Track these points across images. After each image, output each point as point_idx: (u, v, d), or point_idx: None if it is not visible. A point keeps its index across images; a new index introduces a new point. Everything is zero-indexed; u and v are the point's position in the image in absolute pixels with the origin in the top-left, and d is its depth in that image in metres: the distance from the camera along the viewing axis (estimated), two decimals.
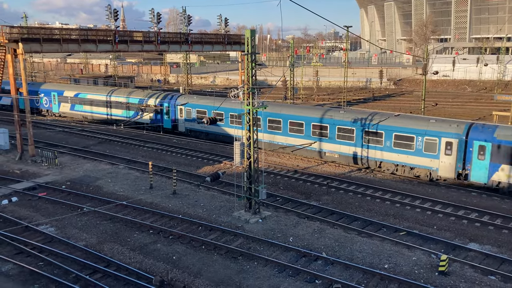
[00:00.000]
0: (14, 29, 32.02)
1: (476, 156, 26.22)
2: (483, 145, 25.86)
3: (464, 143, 26.65)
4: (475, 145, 26.19)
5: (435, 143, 27.62)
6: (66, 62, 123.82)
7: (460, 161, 26.92)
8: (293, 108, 37.39)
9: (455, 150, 26.86)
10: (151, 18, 43.18)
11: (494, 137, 25.72)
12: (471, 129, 26.90)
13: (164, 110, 42.05)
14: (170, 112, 41.68)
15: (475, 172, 26.53)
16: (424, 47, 64.83)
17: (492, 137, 25.78)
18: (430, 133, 27.72)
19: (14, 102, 33.40)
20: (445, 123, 28.18)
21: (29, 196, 25.44)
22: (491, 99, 66.80)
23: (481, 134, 26.25)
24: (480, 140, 26.06)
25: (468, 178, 26.95)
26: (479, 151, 26.09)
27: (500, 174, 25.56)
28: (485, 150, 25.88)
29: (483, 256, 18.76)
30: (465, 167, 26.94)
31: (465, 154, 26.73)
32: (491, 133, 26.01)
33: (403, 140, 28.76)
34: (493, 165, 25.75)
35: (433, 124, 28.17)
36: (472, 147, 26.34)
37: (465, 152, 26.67)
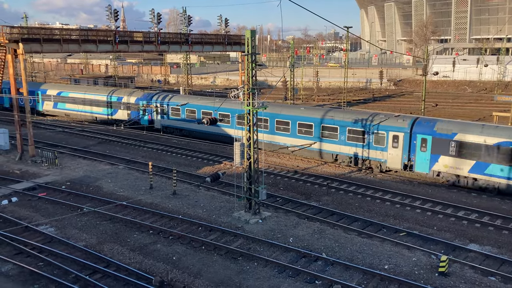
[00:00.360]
0: (14, 29, 32.02)
1: (419, 148, 28.27)
2: (425, 138, 27.96)
3: (409, 137, 28.65)
4: (418, 138, 28.29)
5: (383, 136, 29.64)
6: (66, 62, 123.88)
7: (405, 153, 28.96)
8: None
9: (401, 143, 28.92)
10: (151, 19, 43.18)
11: (434, 131, 27.76)
12: (415, 124, 28.81)
13: (141, 108, 43.38)
14: (147, 110, 42.82)
15: (418, 163, 28.56)
16: (424, 48, 64.87)
17: (432, 131, 27.83)
18: (380, 128, 29.66)
19: (14, 102, 33.41)
20: (392, 118, 30.01)
21: (29, 196, 25.44)
22: (491, 99, 66.83)
23: (423, 128, 28.29)
24: (422, 134, 28.07)
25: (413, 168, 28.98)
26: (421, 143, 28.15)
27: (439, 164, 27.72)
28: (427, 142, 27.93)
29: (483, 257, 18.75)
30: (410, 159, 28.98)
31: (410, 147, 28.80)
32: (432, 127, 28.02)
33: (356, 134, 30.64)
34: (433, 156, 27.84)
35: (382, 119, 30.06)
36: (415, 140, 28.46)
37: (410, 144, 28.72)
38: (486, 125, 27.92)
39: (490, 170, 25.93)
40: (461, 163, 26.92)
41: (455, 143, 26.84)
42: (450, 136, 27.07)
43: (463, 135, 26.67)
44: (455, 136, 26.89)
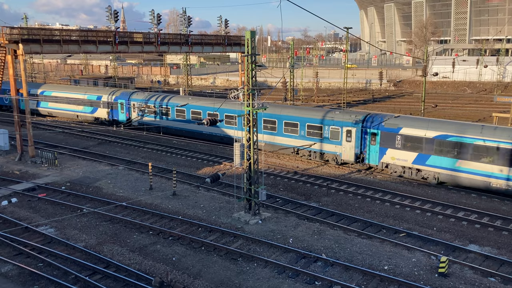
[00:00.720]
0: (14, 30, 32.03)
1: (370, 142, 30.50)
2: (375, 132, 30.14)
3: (361, 131, 30.77)
4: (369, 132, 30.51)
5: (338, 131, 31.66)
6: (66, 63, 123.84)
7: (358, 147, 31.15)
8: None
9: (353, 137, 31.00)
10: (151, 19, 43.21)
11: (383, 126, 29.91)
12: (366, 119, 30.94)
13: (119, 106, 44.91)
14: (125, 108, 44.42)
15: (369, 156, 30.83)
16: (424, 49, 64.93)
17: (381, 126, 29.99)
18: (335, 123, 31.73)
19: (14, 102, 33.41)
20: (346, 114, 32.04)
21: (28, 197, 25.44)
22: (491, 100, 66.82)
23: (373, 123, 30.46)
24: (372, 128, 30.24)
25: (365, 161, 31.19)
26: (371, 137, 30.35)
27: (387, 156, 29.86)
28: (376, 136, 30.07)
29: (483, 258, 18.76)
30: (362, 152, 31.23)
31: (362, 141, 30.95)
32: (381, 122, 30.19)
33: (314, 129, 32.65)
34: (382, 149, 30.00)
35: (337, 115, 32.11)
36: (366, 134, 30.64)
37: (362, 139, 30.86)
38: (427, 119, 30.11)
39: (430, 161, 27.95)
40: (405, 155, 28.95)
41: (400, 136, 28.87)
42: (396, 130, 29.17)
43: (407, 129, 28.69)
44: (400, 130, 28.95)
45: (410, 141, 28.54)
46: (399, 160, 29.13)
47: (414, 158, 28.55)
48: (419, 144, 28.20)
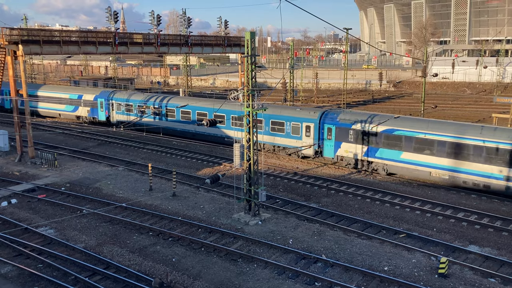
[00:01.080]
0: (14, 31, 32.04)
1: (326, 136, 32.34)
2: (330, 128, 32.07)
3: (318, 127, 32.60)
4: (325, 128, 32.39)
5: (298, 127, 33.56)
6: (66, 64, 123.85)
7: (316, 141, 32.99)
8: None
9: (312, 132, 32.91)
10: (151, 20, 43.24)
11: (337, 121, 31.83)
12: (323, 115, 32.88)
13: (99, 105, 46.51)
14: (104, 106, 46.04)
15: (326, 150, 32.72)
16: (423, 49, 64.96)
17: (336, 121, 31.91)
18: (295, 119, 33.66)
19: (14, 103, 33.40)
20: (305, 111, 34.23)
21: (28, 198, 25.43)
22: (491, 101, 66.85)
23: (329, 119, 32.36)
24: (328, 124, 32.11)
25: (322, 154, 33.07)
26: (327, 132, 32.25)
27: (342, 150, 31.85)
28: (331, 131, 32.01)
29: (483, 259, 18.75)
30: (320, 146, 33.04)
31: (320, 136, 32.77)
32: (336, 118, 32.12)
33: (278, 125, 34.59)
34: (337, 143, 31.91)
35: (298, 112, 34.30)
36: (323, 130, 32.50)
37: (319, 134, 32.66)
38: (376, 115, 31.79)
39: (379, 153, 29.99)
40: (357, 148, 30.97)
41: (352, 131, 30.88)
42: (349, 125, 31.17)
43: (359, 124, 30.73)
44: (353, 125, 30.93)
45: (361, 135, 30.56)
46: (351, 153, 31.15)
47: (365, 151, 30.54)
48: (369, 138, 30.25)
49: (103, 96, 46.15)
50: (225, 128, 37.55)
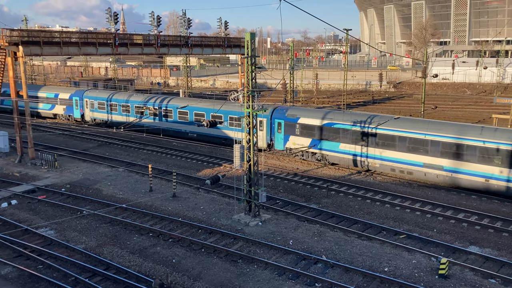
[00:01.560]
0: (14, 32, 32.06)
1: (277, 130, 34.85)
2: (280, 122, 34.57)
3: (270, 121, 35.13)
4: (275, 122, 34.89)
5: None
6: (66, 65, 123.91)
7: (268, 135, 35.60)
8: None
9: (264, 126, 35.42)
10: (151, 21, 43.25)
11: (286, 116, 34.36)
12: (274, 111, 35.38)
13: (74, 103, 48.65)
14: (79, 104, 48.20)
15: (277, 142, 35.19)
16: (423, 50, 64.98)
17: (284, 116, 34.40)
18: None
19: (14, 105, 33.41)
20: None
21: (28, 199, 25.43)
22: (491, 102, 66.84)
23: (279, 115, 34.86)
24: (278, 119, 34.60)
25: (274, 147, 35.56)
26: (278, 126, 34.76)
27: (290, 142, 34.37)
28: (281, 125, 34.46)
29: (483, 259, 18.74)
30: (272, 139, 35.57)
31: (271, 130, 35.31)
32: (284, 113, 34.71)
33: (235, 120, 36.71)
34: (286, 136, 34.44)
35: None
36: (274, 124, 34.98)
37: (271, 128, 35.20)
38: (320, 110, 35.38)
39: (321, 145, 32.69)
40: (303, 140, 33.54)
41: (298, 125, 33.48)
42: (295, 120, 33.76)
43: (303, 119, 33.29)
44: (299, 120, 33.51)
45: (306, 128, 33.09)
46: (298, 145, 33.79)
47: (309, 143, 33.18)
48: (312, 131, 32.74)
49: (78, 95, 48.14)
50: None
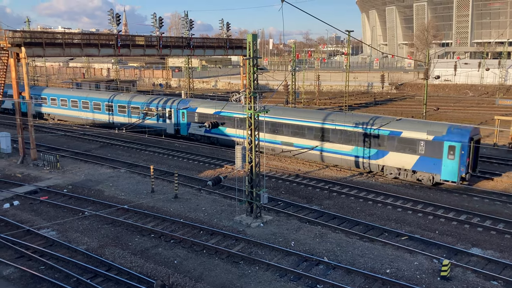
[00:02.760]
0: (16, 34, 32.16)
1: (181, 119, 41.45)
2: (183, 112, 41.15)
3: (177, 111, 41.53)
4: (180, 112, 41.52)
5: (165, 112, 42.42)
6: (68, 66, 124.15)
7: (176, 123, 41.89)
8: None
9: (173, 116, 41.98)
10: (153, 23, 43.35)
11: (189, 107, 40.63)
12: (179, 103, 41.92)
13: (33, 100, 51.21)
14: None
15: (181, 129, 41.68)
16: (425, 52, 64.86)
17: (188, 107, 40.66)
18: (163, 107, 42.81)
19: (16, 106, 33.49)
20: (170, 100, 43.25)
21: (30, 200, 25.47)
22: (493, 103, 66.75)
23: (183, 105, 41.24)
24: (182, 109, 41.06)
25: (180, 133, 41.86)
26: (182, 116, 41.39)
27: (191, 128, 40.74)
28: (184, 115, 41.15)
29: (486, 261, 18.69)
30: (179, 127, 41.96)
31: (177, 118, 41.90)
32: (187, 104, 41.13)
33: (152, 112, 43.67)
34: (188, 123, 40.98)
35: (164, 101, 43.48)
36: (179, 114, 41.69)
37: (178, 117, 41.74)
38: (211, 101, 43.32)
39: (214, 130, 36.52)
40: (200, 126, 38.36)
41: (197, 114, 39.91)
42: (194, 110, 40.03)
43: (200, 109, 39.83)
44: (197, 109, 39.92)
45: (202, 117, 39.19)
46: (197, 130, 39.78)
47: (205, 129, 37.72)
48: (207, 118, 37.70)
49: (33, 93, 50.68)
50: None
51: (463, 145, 26.84)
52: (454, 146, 27.00)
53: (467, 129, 27.99)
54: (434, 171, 27.92)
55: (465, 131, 27.53)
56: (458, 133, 27.45)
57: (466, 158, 27.02)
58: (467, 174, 27.47)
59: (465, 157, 26.97)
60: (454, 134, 27.40)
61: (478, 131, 29.00)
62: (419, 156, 28.32)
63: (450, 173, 27.36)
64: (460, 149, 26.86)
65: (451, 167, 27.22)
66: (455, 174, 27.20)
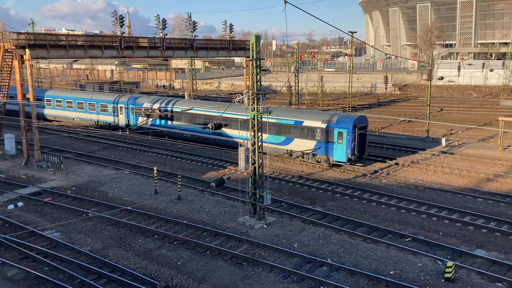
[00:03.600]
0: (21, 36, 32.30)
1: (131, 113, 44.91)
2: (132, 107, 44.75)
3: (127, 107, 45.08)
4: (130, 107, 45.12)
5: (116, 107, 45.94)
6: (72, 68, 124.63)
7: (127, 117, 45.22)
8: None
9: (124, 111, 45.34)
10: (157, 24, 43.42)
11: (135, 103, 44.68)
12: (129, 99, 45.81)
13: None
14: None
15: (131, 122, 45.03)
16: (429, 53, 64.72)
17: (135, 103, 44.74)
18: (117, 103, 46.04)
19: (20, 107, 33.62)
20: (124, 97, 46.70)
21: (34, 201, 25.55)
22: (497, 104, 66.53)
23: (132, 101, 45.23)
24: (132, 104, 44.85)
25: (130, 126, 45.10)
26: (131, 111, 44.78)
27: (138, 122, 44.36)
28: (133, 110, 44.56)
29: (490, 263, 18.61)
30: (128, 120, 45.22)
31: (128, 113, 45.17)
32: (135, 101, 45.27)
33: (104, 107, 47.33)
34: (136, 117, 44.48)
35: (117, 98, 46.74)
36: (129, 109, 45.33)
37: (127, 112, 45.15)
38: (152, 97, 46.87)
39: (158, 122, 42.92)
40: (144, 119, 43.89)
41: (143, 109, 43.62)
42: (141, 105, 44.15)
43: (146, 104, 43.95)
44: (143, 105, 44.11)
45: (149, 111, 43.16)
46: (142, 123, 44.32)
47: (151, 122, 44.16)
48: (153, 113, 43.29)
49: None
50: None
51: (348, 131, 31.31)
52: (341, 132, 31.60)
53: (352, 117, 32.55)
54: (329, 153, 32.57)
55: (350, 120, 31.96)
56: (345, 121, 31.91)
57: (351, 142, 31.58)
58: (353, 155, 31.94)
59: (351, 142, 31.54)
60: (342, 122, 31.87)
61: (364, 120, 33.47)
62: (316, 141, 32.91)
63: (340, 155, 32.01)
64: (346, 134, 31.36)
65: (340, 150, 31.88)
66: (343, 156, 31.82)
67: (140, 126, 43.84)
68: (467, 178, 30.53)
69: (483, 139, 43.85)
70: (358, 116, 33.11)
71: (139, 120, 44.09)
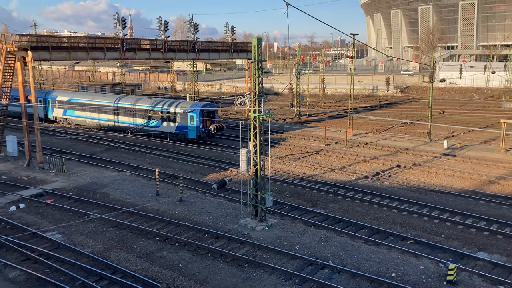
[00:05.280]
0: (23, 37, 32.41)
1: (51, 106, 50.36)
2: (49, 99, 50.61)
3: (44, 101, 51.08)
4: (48, 100, 51.05)
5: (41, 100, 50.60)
6: (74, 69, 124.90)
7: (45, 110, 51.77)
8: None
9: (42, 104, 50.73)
10: (159, 26, 43.54)
11: (52, 96, 51.03)
12: (47, 93, 51.84)
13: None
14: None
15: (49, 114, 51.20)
16: (430, 55, 64.67)
17: (51, 96, 50.86)
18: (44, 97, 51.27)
19: (23, 109, 33.70)
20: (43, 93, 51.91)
21: (36, 203, 25.58)
22: (499, 106, 66.42)
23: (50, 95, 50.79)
24: (49, 98, 50.25)
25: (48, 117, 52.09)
26: (48, 103, 50.49)
27: (54, 113, 51.53)
28: (49, 102, 50.05)
29: (492, 266, 18.56)
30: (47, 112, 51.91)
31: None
32: (51, 94, 51.56)
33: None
34: (52, 109, 51.00)
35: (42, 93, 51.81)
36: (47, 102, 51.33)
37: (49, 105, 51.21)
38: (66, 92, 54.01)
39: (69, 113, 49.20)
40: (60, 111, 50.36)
41: (57, 101, 49.67)
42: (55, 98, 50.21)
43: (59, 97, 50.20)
44: (57, 98, 50.37)
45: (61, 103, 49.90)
46: (58, 114, 51.02)
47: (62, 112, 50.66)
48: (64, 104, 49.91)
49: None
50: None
51: (197, 114, 39.69)
52: (192, 115, 39.96)
53: (201, 104, 41.82)
54: (185, 133, 40.81)
55: (199, 106, 40.83)
56: (195, 107, 40.58)
57: (200, 123, 39.84)
58: (201, 134, 40.31)
59: (199, 123, 39.79)
60: (193, 108, 40.29)
61: (212, 106, 42.25)
62: (177, 124, 41.26)
63: (192, 133, 40.38)
64: (195, 117, 39.75)
65: (192, 129, 40.23)
66: (194, 134, 40.23)
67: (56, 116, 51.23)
68: (469, 180, 30.49)
69: (485, 141, 43.79)
70: (205, 103, 42.57)
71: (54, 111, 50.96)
